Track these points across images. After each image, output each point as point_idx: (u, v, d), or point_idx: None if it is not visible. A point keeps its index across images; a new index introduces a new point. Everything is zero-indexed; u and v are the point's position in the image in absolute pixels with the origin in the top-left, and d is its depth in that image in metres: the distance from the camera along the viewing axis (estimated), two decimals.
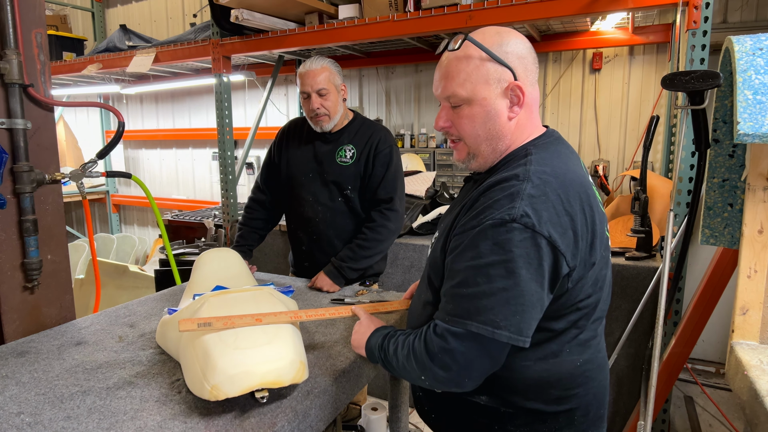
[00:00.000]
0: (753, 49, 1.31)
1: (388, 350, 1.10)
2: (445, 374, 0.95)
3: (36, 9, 1.56)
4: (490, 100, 1.01)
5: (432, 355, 0.96)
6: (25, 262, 1.54)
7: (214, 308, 1.20)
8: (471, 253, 0.93)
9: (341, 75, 2.09)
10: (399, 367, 1.06)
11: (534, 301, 0.92)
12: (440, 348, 0.94)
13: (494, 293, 0.90)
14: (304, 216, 2.15)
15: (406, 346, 1.04)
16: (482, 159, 1.07)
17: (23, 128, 1.51)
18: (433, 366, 0.96)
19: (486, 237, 0.92)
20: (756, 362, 1.28)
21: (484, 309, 0.90)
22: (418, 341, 1.01)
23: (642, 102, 3.52)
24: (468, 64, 1.01)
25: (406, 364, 1.03)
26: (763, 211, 1.40)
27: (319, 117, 2.03)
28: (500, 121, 1.03)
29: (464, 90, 1.01)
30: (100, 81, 5.05)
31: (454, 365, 0.94)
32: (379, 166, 2.08)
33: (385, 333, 1.16)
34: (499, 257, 0.90)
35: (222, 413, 1.04)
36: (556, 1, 2.32)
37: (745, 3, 3.11)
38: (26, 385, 1.16)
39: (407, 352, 1.02)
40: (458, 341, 0.93)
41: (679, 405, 2.93)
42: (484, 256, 0.91)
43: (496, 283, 0.90)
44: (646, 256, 2.40)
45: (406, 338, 1.06)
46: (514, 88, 1.01)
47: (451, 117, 1.05)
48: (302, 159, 2.15)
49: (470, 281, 0.92)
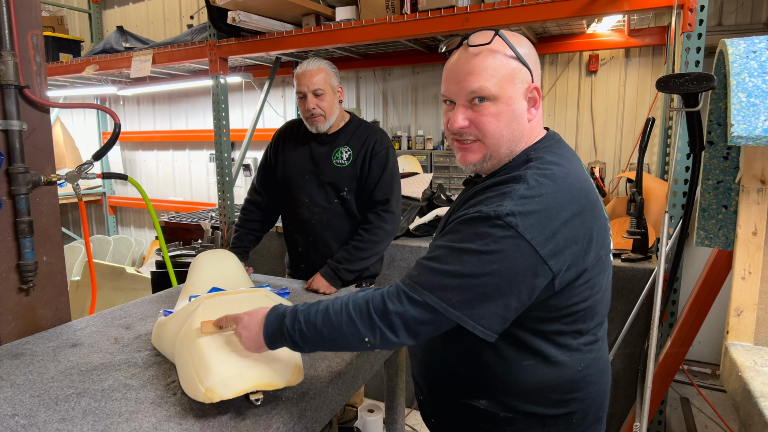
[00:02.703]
0: (747, 52, 1.32)
1: (304, 318, 1.00)
2: (392, 335, 0.94)
3: (32, 10, 1.56)
4: (515, 99, 0.99)
5: (383, 314, 0.94)
6: (21, 264, 1.54)
7: (210, 310, 1.20)
8: (451, 236, 0.95)
9: (338, 77, 2.09)
10: (326, 333, 0.98)
11: (496, 296, 0.91)
12: (394, 310, 0.93)
13: (459, 275, 0.91)
14: (300, 217, 2.15)
15: (343, 308, 0.97)
16: (496, 161, 1.04)
17: (19, 129, 1.50)
18: (382, 325, 0.94)
19: (468, 225, 0.93)
20: (750, 363, 1.29)
21: (445, 287, 0.91)
22: (363, 302, 0.96)
23: (638, 104, 3.53)
24: (496, 59, 0.98)
25: (342, 327, 0.96)
26: (758, 212, 1.41)
27: (315, 117, 2.03)
28: (523, 122, 1.01)
29: (492, 85, 0.97)
30: (97, 82, 5.04)
31: (403, 327, 0.93)
32: (376, 167, 2.08)
33: (287, 307, 1.06)
34: (476, 246, 0.90)
35: (217, 415, 1.04)
36: (553, 4, 2.33)
37: (739, 6, 3.13)
38: (21, 387, 1.15)
39: (347, 315, 0.97)
40: (413, 306, 0.93)
41: (675, 406, 2.93)
42: (462, 241, 0.93)
43: (464, 268, 0.90)
44: (641, 258, 2.41)
45: (338, 302, 0.99)
46: (533, 90, 1.01)
47: (470, 116, 1.00)
48: (298, 161, 2.15)
49: (442, 259, 0.94)
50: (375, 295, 0.97)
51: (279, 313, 1.04)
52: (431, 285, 0.93)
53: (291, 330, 1.00)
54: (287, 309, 1.04)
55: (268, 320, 1.04)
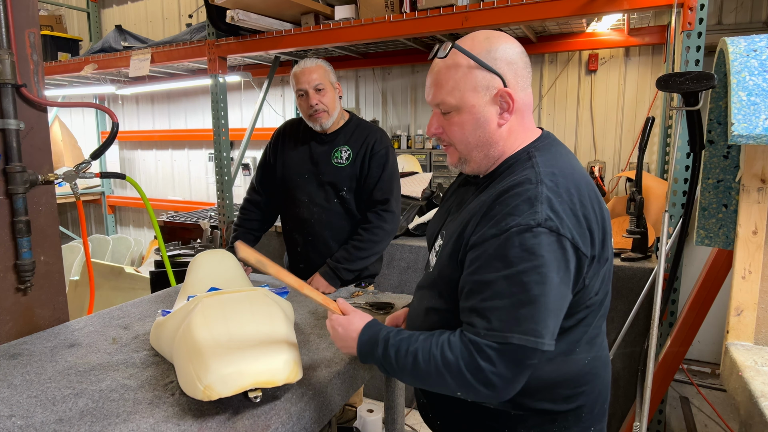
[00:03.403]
0: (747, 51, 1.31)
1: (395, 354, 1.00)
2: (489, 391, 0.91)
3: (29, 9, 1.55)
4: (478, 107, 1.01)
5: (473, 371, 0.90)
6: (18, 264, 1.53)
7: (208, 309, 1.20)
8: (499, 264, 0.91)
9: (335, 74, 2.09)
10: (417, 380, 0.98)
11: (564, 304, 0.93)
12: (484, 366, 0.90)
13: (531, 301, 0.88)
14: (300, 217, 2.15)
15: (432, 361, 0.95)
16: (474, 164, 1.07)
17: (16, 128, 1.50)
18: (476, 384, 0.91)
19: (513, 245, 0.90)
20: (750, 363, 1.28)
21: (524, 319, 0.88)
22: (450, 353, 0.93)
23: (638, 103, 3.53)
24: (456, 72, 1.01)
25: (432, 380, 0.96)
26: (758, 211, 1.40)
27: (318, 113, 2.02)
28: (490, 128, 1.02)
29: (453, 98, 1.01)
30: (95, 82, 5.03)
31: (500, 382, 0.90)
32: (375, 167, 2.07)
33: (378, 331, 1.06)
34: (531, 263, 0.88)
35: (215, 415, 1.04)
36: (552, 3, 2.32)
37: (739, 5, 3.13)
38: (18, 388, 1.15)
39: (435, 369, 0.94)
40: (500, 357, 0.89)
41: (674, 406, 2.93)
42: (515, 264, 0.89)
43: (531, 290, 0.88)
44: (641, 257, 2.41)
45: (426, 350, 0.96)
46: (504, 95, 1.00)
47: (442, 123, 1.06)
48: (298, 160, 2.14)
49: (504, 292, 0.89)
50: (462, 352, 0.92)
51: (372, 336, 1.05)
52: (509, 324, 0.89)
53: (382, 359, 1.03)
54: (379, 335, 1.05)
55: (361, 340, 1.06)
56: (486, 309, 0.91)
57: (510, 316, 0.89)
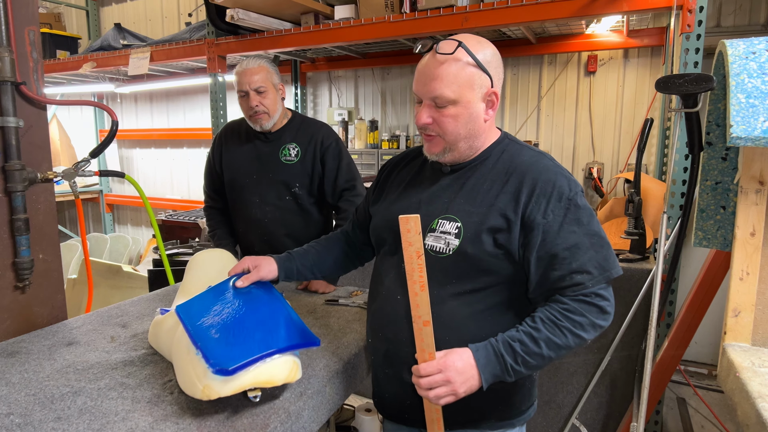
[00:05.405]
0: (746, 53, 1.32)
1: (524, 352, 1.06)
2: (608, 321, 1.11)
3: (29, 6, 1.55)
4: (473, 102, 1.13)
5: (601, 317, 1.09)
6: (17, 262, 1.53)
7: None
8: (575, 227, 1.09)
9: (279, 75, 2.10)
10: (554, 356, 1.08)
11: None
12: (604, 305, 1.09)
13: (605, 242, 1.11)
14: (252, 218, 2.14)
15: (562, 329, 1.06)
16: (458, 153, 1.18)
17: (15, 126, 1.49)
18: (603, 323, 1.09)
19: (578, 207, 1.11)
20: (748, 364, 1.29)
21: (608, 256, 1.10)
22: (577, 317, 1.07)
23: (636, 105, 3.53)
24: (458, 68, 1.11)
25: (570, 344, 1.07)
26: (756, 213, 1.41)
27: (258, 115, 2.03)
28: (479, 122, 1.16)
29: (452, 92, 1.11)
30: (94, 80, 5.02)
31: (611, 308, 1.11)
32: (331, 160, 2.11)
33: (493, 347, 1.07)
34: (592, 217, 1.12)
35: (214, 414, 1.04)
36: (552, 4, 2.32)
37: (738, 7, 3.14)
38: (16, 386, 1.15)
39: (573, 336, 1.07)
40: (608, 291, 1.10)
41: (671, 406, 2.94)
42: (586, 221, 1.10)
43: (600, 234, 1.11)
44: (639, 258, 2.41)
45: (556, 329, 1.06)
46: (492, 95, 1.14)
47: (434, 115, 1.14)
48: (244, 161, 2.14)
49: (591, 246, 1.09)
50: (587, 309, 1.08)
51: (490, 355, 1.06)
52: (607, 264, 1.09)
53: (515, 365, 1.06)
54: (496, 349, 1.07)
55: (481, 363, 1.06)
56: (584, 265, 1.08)
57: (602, 259, 1.09)
